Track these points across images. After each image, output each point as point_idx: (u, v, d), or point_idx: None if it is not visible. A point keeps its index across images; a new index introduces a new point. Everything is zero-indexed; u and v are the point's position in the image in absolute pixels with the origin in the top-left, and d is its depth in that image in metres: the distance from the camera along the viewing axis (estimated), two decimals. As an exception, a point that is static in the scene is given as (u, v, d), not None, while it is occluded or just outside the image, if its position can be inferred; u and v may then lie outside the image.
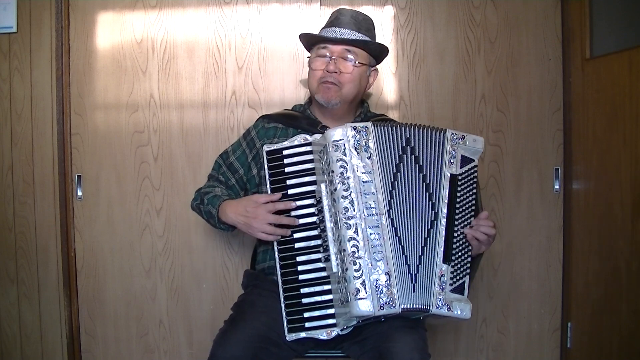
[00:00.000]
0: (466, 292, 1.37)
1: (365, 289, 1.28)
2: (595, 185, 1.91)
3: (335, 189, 1.33)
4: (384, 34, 2.03)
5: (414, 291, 1.32)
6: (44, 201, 2.02)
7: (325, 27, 1.60)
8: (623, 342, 1.77)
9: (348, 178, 1.33)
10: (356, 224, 1.31)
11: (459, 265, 1.37)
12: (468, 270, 1.38)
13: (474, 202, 1.41)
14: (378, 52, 1.61)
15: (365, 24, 1.59)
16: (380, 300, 1.28)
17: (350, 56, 1.54)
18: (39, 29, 1.99)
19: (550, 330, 2.08)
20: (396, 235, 1.34)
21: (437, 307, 1.33)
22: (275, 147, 1.44)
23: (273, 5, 2.04)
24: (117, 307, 2.06)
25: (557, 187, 2.05)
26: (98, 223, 2.05)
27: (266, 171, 1.44)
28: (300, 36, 1.65)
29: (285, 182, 1.42)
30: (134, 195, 2.04)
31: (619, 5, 1.95)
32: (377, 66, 1.65)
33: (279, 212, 1.42)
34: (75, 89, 2.03)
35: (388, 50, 1.63)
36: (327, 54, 1.55)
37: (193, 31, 2.03)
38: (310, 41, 1.63)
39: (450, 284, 1.35)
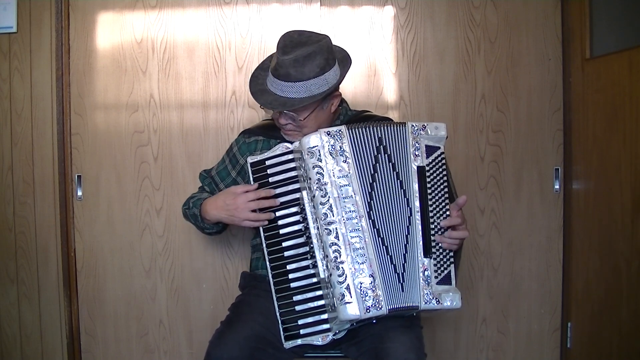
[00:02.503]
0: (454, 282, 1.36)
1: (350, 293, 1.28)
2: (595, 185, 1.91)
3: (314, 196, 1.34)
4: (384, 34, 2.03)
5: (402, 290, 1.32)
6: (44, 201, 2.02)
7: (270, 70, 1.45)
8: (623, 342, 1.77)
9: (325, 184, 1.33)
10: (336, 229, 1.31)
11: (441, 257, 1.36)
12: (452, 260, 1.37)
13: (446, 189, 1.39)
14: (333, 89, 1.44)
15: (314, 61, 1.39)
16: (366, 303, 1.28)
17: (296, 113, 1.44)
18: (39, 29, 1.99)
19: (550, 330, 2.08)
20: (379, 236, 1.33)
21: (425, 303, 1.32)
22: (258, 158, 1.44)
23: (273, 5, 2.04)
24: (117, 307, 2.06)
25: (557, 187, 2.05)
26: (98, 223, 2.05)
27: (252, 183, 1.44)
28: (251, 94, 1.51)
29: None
30: (134, 195, 2.04)
31: (619, 5, 1.95)
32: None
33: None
34: (75, 89, 2.03)
35: (343, 76, 1.46)
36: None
37: (193, 31, 2.03)
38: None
39: (436, 277, 1.34)
